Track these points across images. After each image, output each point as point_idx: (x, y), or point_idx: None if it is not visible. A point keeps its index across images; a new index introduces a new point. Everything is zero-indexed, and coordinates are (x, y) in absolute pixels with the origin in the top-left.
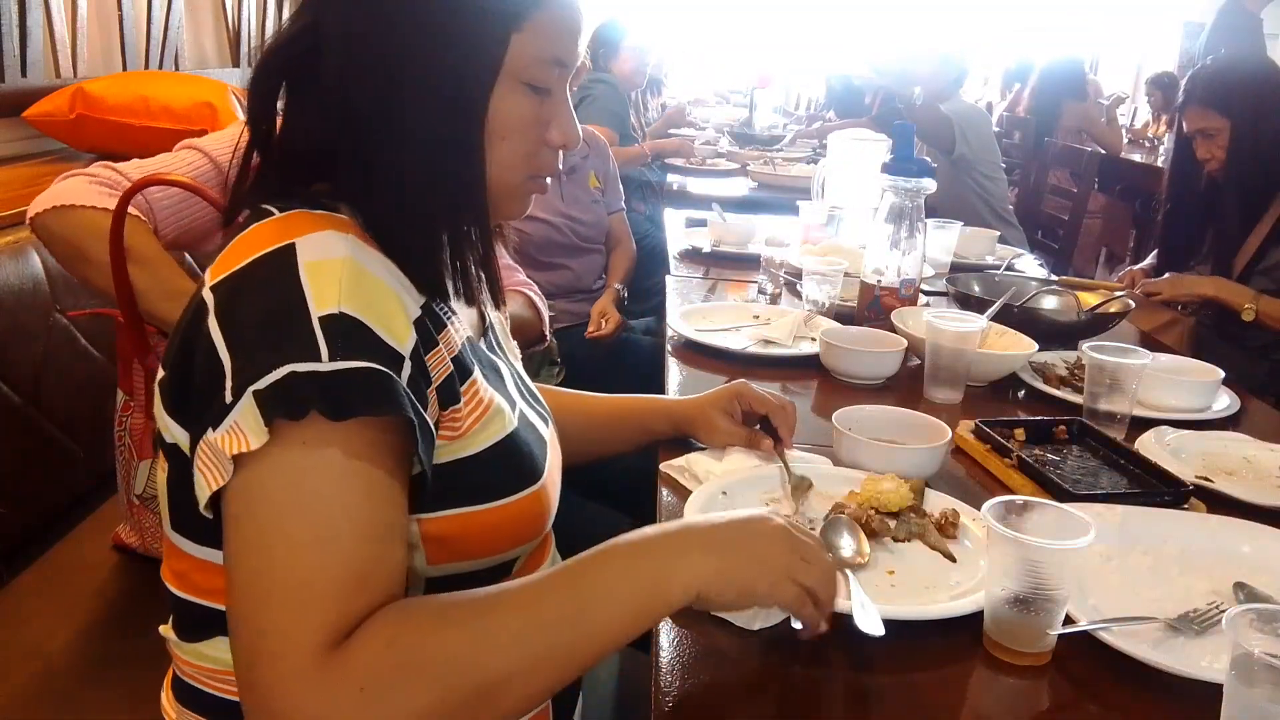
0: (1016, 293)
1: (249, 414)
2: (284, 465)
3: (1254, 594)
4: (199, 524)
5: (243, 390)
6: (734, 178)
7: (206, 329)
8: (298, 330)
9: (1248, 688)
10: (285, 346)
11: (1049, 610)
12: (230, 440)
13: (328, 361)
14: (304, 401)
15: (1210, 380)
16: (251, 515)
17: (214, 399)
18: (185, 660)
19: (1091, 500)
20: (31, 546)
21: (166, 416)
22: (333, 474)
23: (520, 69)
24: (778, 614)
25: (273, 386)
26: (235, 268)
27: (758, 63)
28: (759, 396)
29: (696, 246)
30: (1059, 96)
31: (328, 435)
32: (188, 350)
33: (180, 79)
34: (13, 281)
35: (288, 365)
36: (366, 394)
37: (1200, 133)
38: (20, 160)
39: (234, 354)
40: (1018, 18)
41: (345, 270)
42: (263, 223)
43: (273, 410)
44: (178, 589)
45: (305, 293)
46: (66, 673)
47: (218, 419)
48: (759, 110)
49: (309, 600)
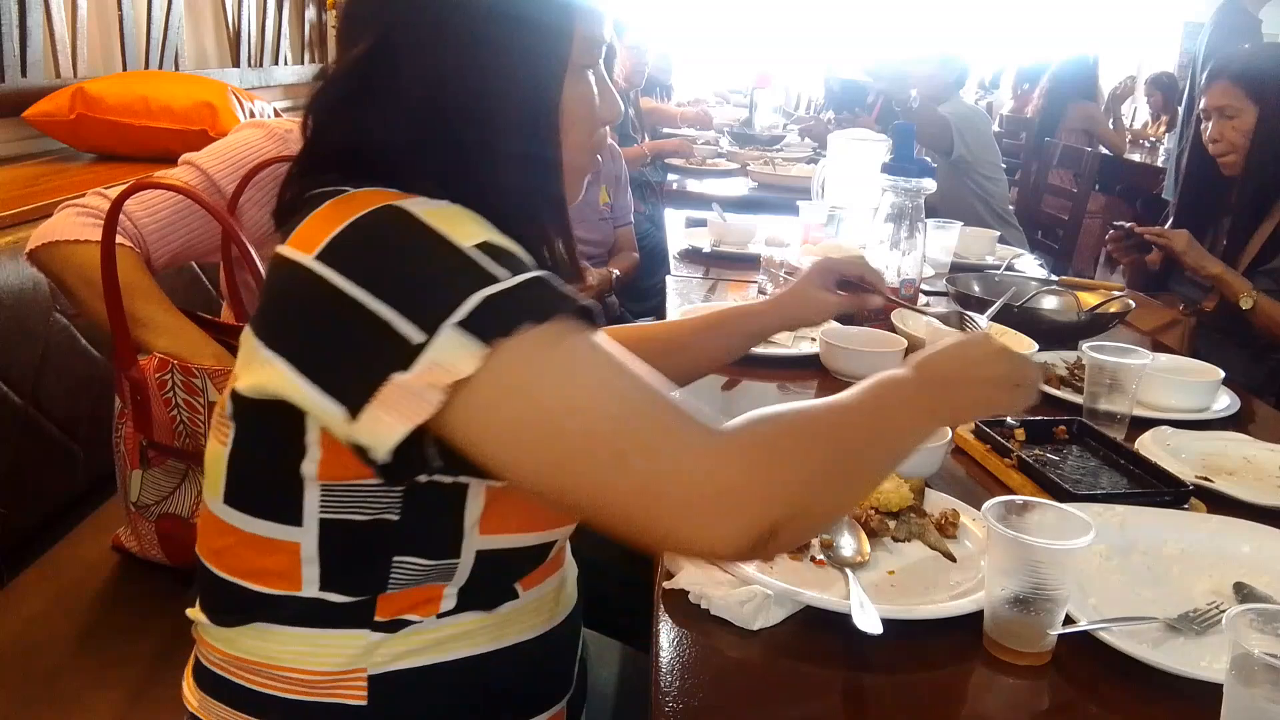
0: (1016, 293)
1: (452, 346)
2: (534, 359)
3: (1254, 594)
4: (261, 495)
5: (435, 327)
6: (734, 178)
7: (336, 291)
8: (460, 262)
9: (1247, 688)
10: (460, 280)
11: (1049, 610)
12: (436, 374)
13: (508, 279)
14: (512, 315)
15: (1210, 380)
16: (536, 406)
17: (385, 347)
18: (214, 647)
19: (1091, 500)
20: (31, 546)
21: (266, 382)
22: (587, 353)
23: (580, 54)
24: (778, 614)
25: (473, 315)
26: (335, 232)
27: (758, 63)
28: (846, 263)
29: (696, 246)
30: (1068, 97)
31: (545, 336)
32: (306, 316)
33: (180, 79)
34: (13, 281)
35: (477, 293)
36: (553, 293)
37: (1220, 110)
38: (20, 160)
39: (397, 302)
40: (1017, 18)
41: (465, 213)
42: (342, 196)
43: (486, 332)
44: (218, 568)
45: (443, 233)
46: (66, 673)
47: (406, 361)
48: (759, 110)
49: (661, 406)
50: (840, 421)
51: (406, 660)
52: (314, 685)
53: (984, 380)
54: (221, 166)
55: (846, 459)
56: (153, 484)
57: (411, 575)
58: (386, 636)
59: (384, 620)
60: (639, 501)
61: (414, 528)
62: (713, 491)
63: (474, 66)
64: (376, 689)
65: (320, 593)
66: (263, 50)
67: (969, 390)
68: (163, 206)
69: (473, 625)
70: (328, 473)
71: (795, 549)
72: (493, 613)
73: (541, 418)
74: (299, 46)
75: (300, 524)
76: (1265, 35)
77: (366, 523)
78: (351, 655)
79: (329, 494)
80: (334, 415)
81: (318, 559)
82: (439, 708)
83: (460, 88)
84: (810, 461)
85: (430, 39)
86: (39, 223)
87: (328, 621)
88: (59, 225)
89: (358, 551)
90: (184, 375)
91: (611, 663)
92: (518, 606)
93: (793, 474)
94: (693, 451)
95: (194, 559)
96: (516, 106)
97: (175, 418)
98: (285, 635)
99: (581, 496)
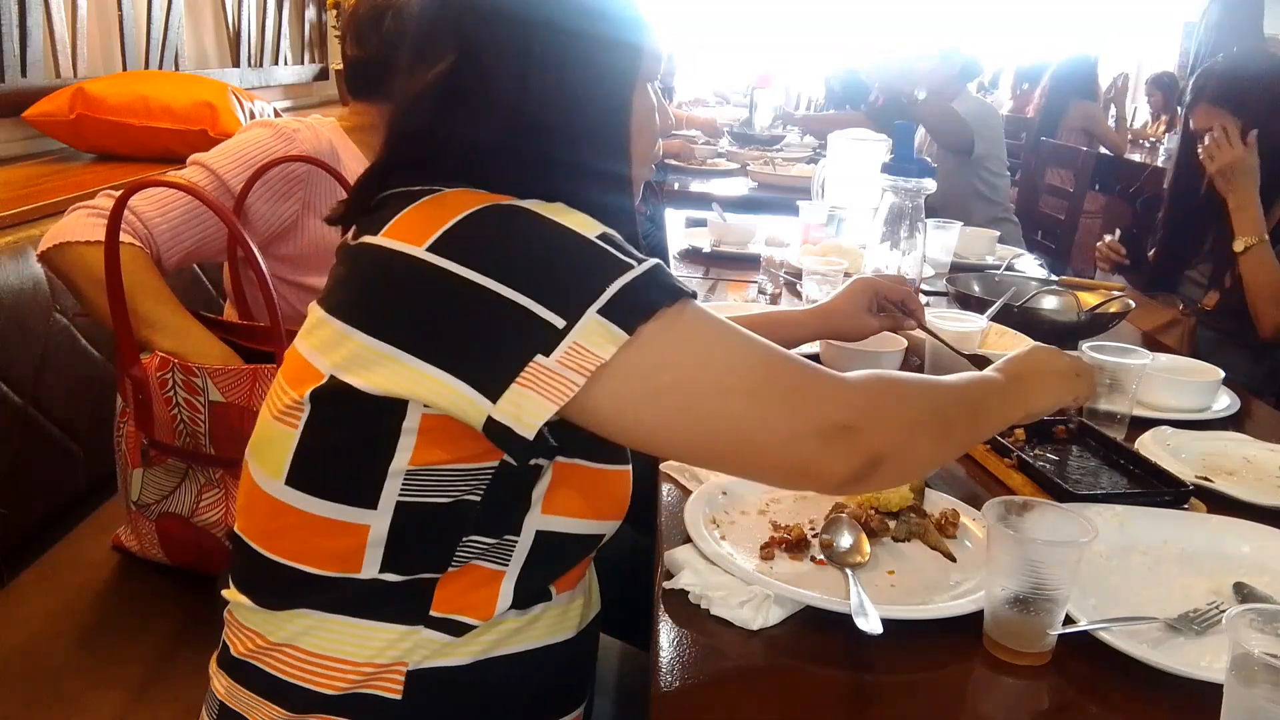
0: (1016, 293)
1: (596, 331)
2: (673, 338)
3: (1254, 594)
4: (335, 479)
5: (578, 314)
6: (734, 178)
7: (464, 281)
8: (594, 252)
9: (1247, 688)
10: (596, 268)
11: (1049, 610)
12: (579, 357)
13: (638, 266)
14: (649, 300)
15: (1210, 380)
16: (684, 379)
17: (526, 332)
18: (249, 631)
19: (1091, 500)
20: (31, 546)
21: (384, 381)
22: (713, 326)
23: (647, 68)
24: (778, 614)
25: (612, 301)
26: (446, 226)
27: (758, 63)
28: (888, 286)
29: (696, 246)
30: (1068, 96)
31: (677, 316)
32: (427, 306)
33: (180, 79)
34: (13, 281)
35: (616, 281)
36: (672, 279)
37: (1209, 132)
38: (20, 160)
39: (534, 291)
40: (1017, 18)
41: (574, 211)
42: (434, 196)
43: (628, 317)
44: (269, 550)
45: (568, 225)
46: (67, 672)
47: (549, 346)
48: (759, 110)
49: (789, 362)
50: (943, 391)
51: (446, 658)
52: (354, 676)
53: (1053, 373)
54: (231, 166)
55: (945, 418)
56: (153, 483)
57: (471, 553)
58: (439, 636)
59: (439, 617)
60: (780, 445)
61: (490, 506)
62: (836, 422)
63: (556, 81)
64: (413, 684)
65: (379, 574)
66: (263, 50)
67: (1042, 381)
68: (175, 206)
69: (507, 625)
70: (420, 459)
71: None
72: (526, 612)
73: (691, 388)
74: (299, 46)
75: (375, 507)
76: (1266, 34)
77: (448, 504)
78: (400, 649)
79: (414, 478)
80: (469, 399)
81: (385, 541)
82: (470, 706)
83: (542, 101)
84: (916, 411)
85: (515, 56)
86: (39, 223)
87: (381, 612)
88: (69, 226)
89: (429, 532)
90: (185, 374)
91: (611, 662)
92: (549, 608)
93: (901, 415)
94: (823, 393)
95: (196, 556)
96: (594, 119)
97: (176, 416)
98: (334, 622)
99: (727, 450)
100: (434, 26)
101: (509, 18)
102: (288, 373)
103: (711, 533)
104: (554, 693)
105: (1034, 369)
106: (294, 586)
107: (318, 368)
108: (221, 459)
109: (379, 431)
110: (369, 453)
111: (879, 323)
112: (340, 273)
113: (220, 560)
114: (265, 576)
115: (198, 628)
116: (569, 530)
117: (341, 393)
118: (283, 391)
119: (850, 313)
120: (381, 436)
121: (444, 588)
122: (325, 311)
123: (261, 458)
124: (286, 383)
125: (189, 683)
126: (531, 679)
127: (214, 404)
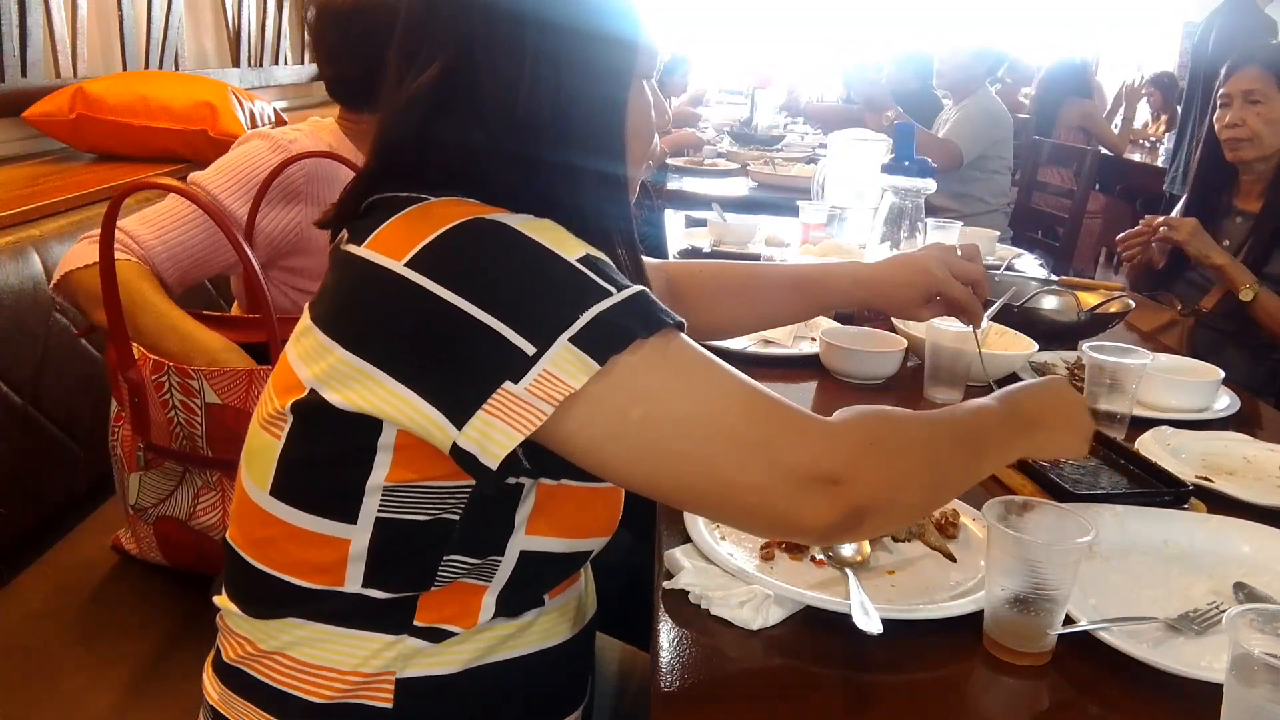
0: (1016, 293)
1: (565, 359)
2: (648, 371)
3: (1254, 594)
4: (315, 492)
5: (548, 341)
6: (734, 178)
7: (438, 300)
8: (569, 276)
9: (1248, 688)
10: (570, 294)
11: (1049, 610)
12: (548, 386)
13: (617, 294)
14: (624, 331)
15: (1210, 380)
16: (655, 414)
17: (495, 357)
18: (240, 638)
19: (1091, 500)
20: (31, 546)
21: (359, 399)
22: (694, 360)
23: (643, 66)
24: (778, 614)
25: (585, 330)
26: (426, 240)
27: (758, 62)
28: (961, 266)
29: (696, 246)
30: (1063, 94)
31: (654, 348)
32: (402, 323)
33: (180, 79)
34: (13, 281)
35: (591, 308)
36: (655, 306)
37: (1245, 95)
38: (20, 160)
39: (505, 314)
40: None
41: (558, 226)
42: (420, 205)
43: (599, 347)
44: (256, 559)
45: (548, 246)
46: (66, 672)
47: (518, 372)
48: (759, 110)
49: (771, 404)
50: (934, 434)
51: (436, 667)
52: (342, 685)
53: (1056, 425)
54: (227, 185)
55: (935, 466)
56: (151, 486)
57: (455, 573)
58: (422, 644)
59: (423, 626)
60: (756, 493)
61: (470, 525)
62: (818, 473)
63: (549, 80)
64: (403, 692)
65: (362, 589)
66: (263, 50)
67: (1042, 432)
68: (171, 227)
69: (499, 632)
70: (396, 475)
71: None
72: (518, 619)
73: (664, 425)
74: (299, 46)
75: (355, 522)
76: None
77: (426, 522)
78: (385, 658)
79: (392, 495)
80: (435, 423)
81: (365, 556)
82: (464, 713)
83: (536, 101)
84: (905, 460)
85: (508, 54)
86: (39, 223)
87: (366, 622)
88: (71, 255)
89: (409, 550)
90: (180, 377)
91: (611, 662)
92: (543, 613)
93: (888, 467)
94: (806, 440)
95: (195, 558)
96: (589, 118)
97: (172, 419)
98: (322, 632)
99: (700, 493)
100: (422, 28)
101: (500, 15)
102: (277, 379)
103: (711, 533)
104: (551, 696)
105: (1038, 416)
106: (282, 597)
107: (300, 378)
108: (218, 461)
109: (356, 447)
110: (347, 467)
111: (929, 313)
112: (328, 280)
113: (219, 563)
114: (255, 585)
115: (197, 628)
116: (555, 550)
117: (319, 406)
118: (270, 399)
119: (899, 297)
120: (358, 452)
121: (427, 598)
122: (311, 320)
123: (251, 466)
124: (274, 390)
125: (188, 683)
126: (527, 684)
127: (210, 406)
